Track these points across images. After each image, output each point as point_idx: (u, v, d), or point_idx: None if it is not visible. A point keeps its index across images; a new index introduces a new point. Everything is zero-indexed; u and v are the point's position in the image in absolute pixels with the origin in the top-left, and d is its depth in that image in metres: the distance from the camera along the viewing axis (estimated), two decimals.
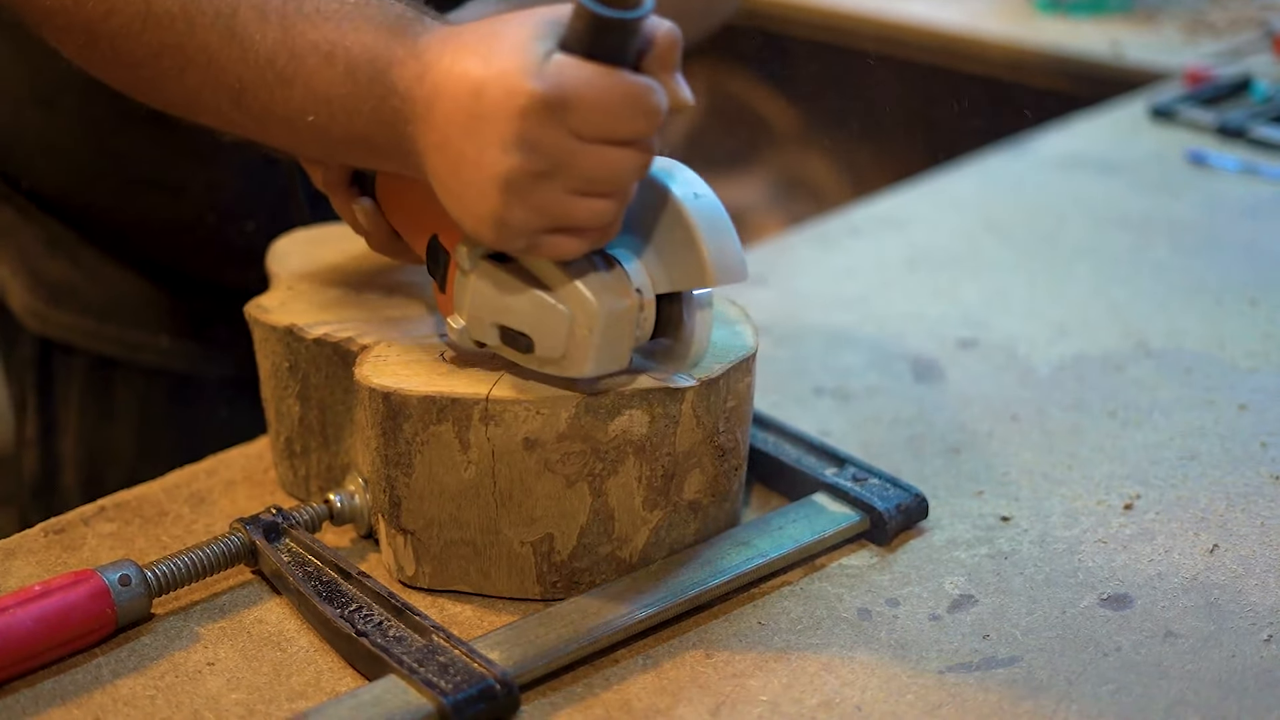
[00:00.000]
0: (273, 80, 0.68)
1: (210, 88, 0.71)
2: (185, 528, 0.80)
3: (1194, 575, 0.76)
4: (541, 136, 0.62)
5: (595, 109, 0.62)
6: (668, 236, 0.68)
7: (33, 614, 0.68)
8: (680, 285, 0.69)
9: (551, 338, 0.68)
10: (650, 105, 0.63)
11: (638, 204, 0.69)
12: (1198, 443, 0.88)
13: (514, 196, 0.63)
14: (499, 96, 0.62)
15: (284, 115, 0.69)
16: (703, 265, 0.67)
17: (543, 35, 0.63)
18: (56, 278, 1.01)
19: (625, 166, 0.64)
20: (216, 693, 0.68)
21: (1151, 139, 1.37)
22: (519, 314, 0.69)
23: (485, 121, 0.62)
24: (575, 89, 0.62)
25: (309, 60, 0.68)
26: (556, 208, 0.64)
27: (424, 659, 0.66)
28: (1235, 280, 1.09)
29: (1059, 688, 0.68)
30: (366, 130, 0.68)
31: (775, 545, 0.76)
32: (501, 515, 0.72)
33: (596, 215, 0.65)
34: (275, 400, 0.81)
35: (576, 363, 0.68)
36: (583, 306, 0.67)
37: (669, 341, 0.71)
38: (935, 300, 1.08)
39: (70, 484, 1.05)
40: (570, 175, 0.63)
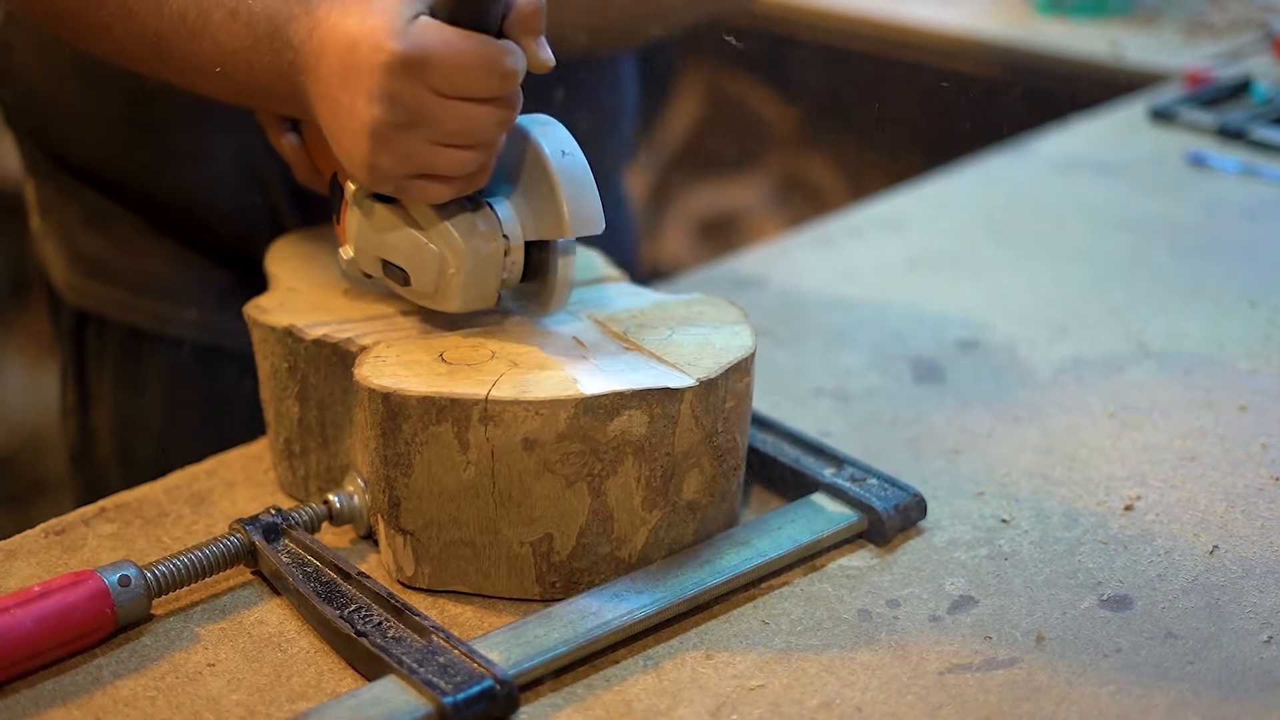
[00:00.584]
0: (185, 34, 0.76)
1: (133, 40, 0.79)
2: (185, 528, 0.81)
3: (1194, 576, 0.76)
4: (402, 91, 0.69)
5: (452, 68, 0.68)
6: (535, 189, 0.74)
7: (33, 614, 0.68)
8: (545, 234, 0.74)
9: (424, 274, 0.75)
10: (504, 67, 0.69)
11: (515, 157, 0.75)
12: (1198, 444, 0.88)
13: (380, 144, 0.70)
14: (367, 52, 0.69)
15: (197, 66, 0.77)
16: (561, 216, 0.73)
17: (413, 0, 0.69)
18: (93, 252, 1.05)
19: (483, 121, 0.70)
20: (217, 694, 0.68)
21: (1151, 140, 1.37)
22: (398, 249, 0.76)
23: (356, 74, 0.70)
24: (434, 49, 0.68)
25: (215, 15, 0.75)
26: (420, 156, 0.71)
27: (424, 659, 0.67)
28: (1235, 282, 1.09)
29: (1058, 689, 0.68)
30: (266, 80, 0.75)
31: (774, 545, 0.76)
32: (501, 515, 0.72)
33: (459, 164, 0.71)
34: (274, 401, 0.81)
35: (446, 298, 0.75)
36: (451, 247, 0.74)
37: (536, 285, 0.77)
38: (935, 301, 1.08)
39: (106, 454, 1.07)
40: (431, 127, 0.70)
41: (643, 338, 0.77)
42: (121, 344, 1.05)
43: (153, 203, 1.02)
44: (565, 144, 0.74)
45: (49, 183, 1.06)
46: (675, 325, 0.78)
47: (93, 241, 1.04)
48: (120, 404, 1.06)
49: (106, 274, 1.04)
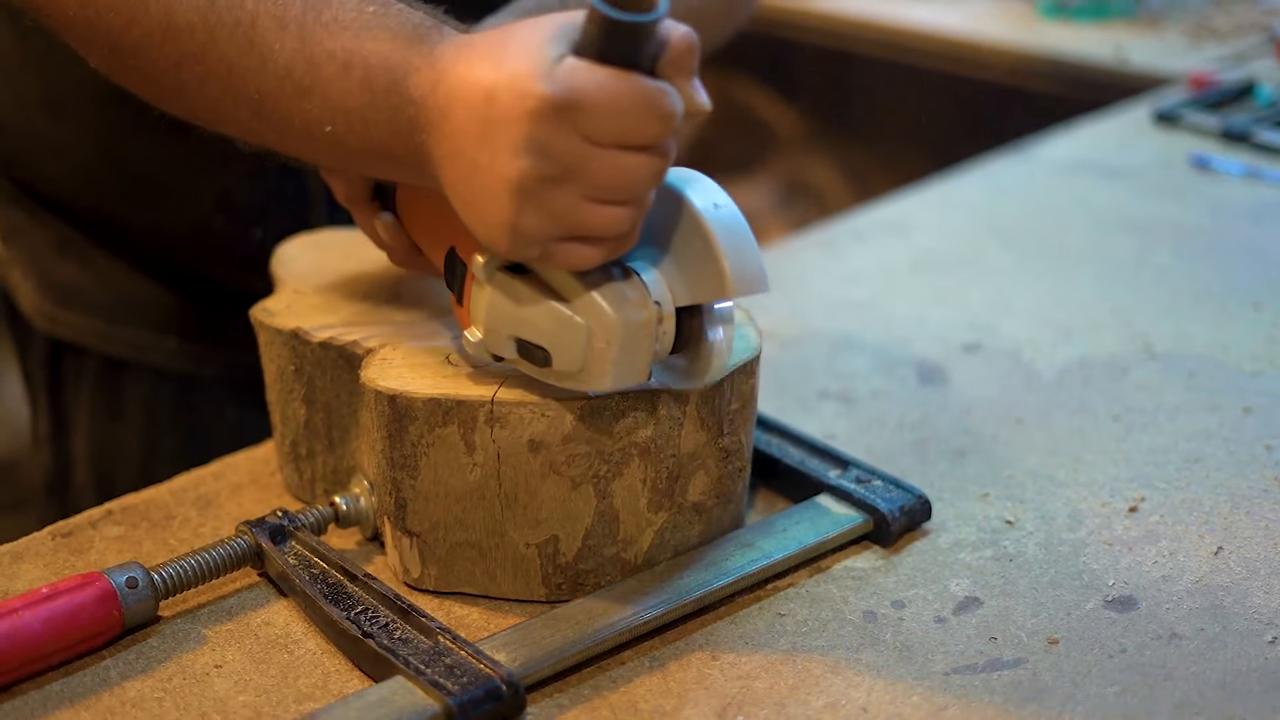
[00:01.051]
0: (291, 90, 0.68)
1: (231, 98, 0.70)
2: (192, 531, 0.81)
3: (1199, 578, 0.76)
4: (553, 140, 0.61)
5: (607, 112, 0.61)
6: (687, 247, 0.67)
7: (40, 616, 0.68)
8: (700, 297, 0.67)
9: (569, 351, 0.67)
10: (664, 109, 0.62)
11: (656, 214, 0.67)
12: (1202, 446, 0.88)
13: (526, 202, 0.63)
14: (509, 101, 0.61)
15: (303, 125, 0.69)
16: (722, 277, 0.65)
17: (555, 39, 0.62)
18: (66, 279, 1.02)
19: (640, 172, 0.63)
20: (224, 695, 0.68)
21: (1155, 143, 1.37)
22: (536, 327, 0.68)
23: (496, 126, 0.62)
24: (586, 92, 0.61)
25: (326, 70, 0.67)
26: (570, 214, 0.63)
27: (430, 660, 0.67)
28: (1239, 284, 1.10)
29: (1064, 689, 0.68)
30: (383, 140, 0.67)
31: (779, 547, 0.76)
32: (507, 517, 0.72)
33: (612, 223, 0.64)
34: (280, 403, 0.81)
35: (595, 377, 0.67)
36: (600, 319, 0.66)
37: (688, 355, 0.70)
38: (940, 304, 1.08)
39: (82, 482, 1.05)
40: (583, 181, 0.63)
41: None
42: (99, 372, 1.03)
43: (130, 235, 1.00)
44: (716, 196, 0.67)
45: (17, 209, 1.03)
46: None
47: (65, 269, 1.01)
48: (98, 432, 1.04)
49: (81, 303, 1.02)
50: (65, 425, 1.05)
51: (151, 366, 1.02)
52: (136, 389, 1.02)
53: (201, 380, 1.01)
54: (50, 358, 1.05)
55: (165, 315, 1.01)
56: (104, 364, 1.03)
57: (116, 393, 1.03)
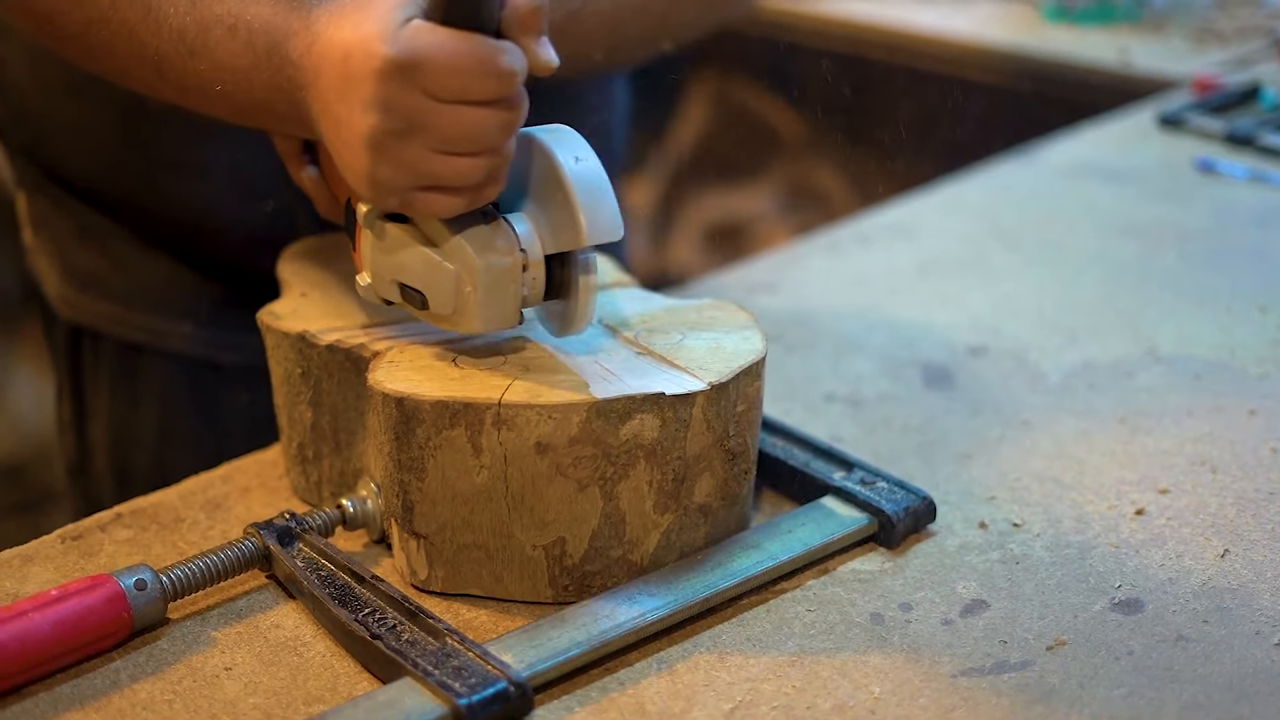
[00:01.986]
0: (184, 52, 0.75)
1: (135, 59, 0.77)
2: (201, 534, 0.81)
3: (1205, 580, 0.76)
4: (397, 97, 0.66)
5: (446, 71, 0.66)
6: (551, 198, 0.71)
7: (49, 618, 0.68)
8: (562, 245, 0.71)
9: (441, 294, 0.71)
10: (501, 66, 0.66)
11: (528, 167, 0.72)
12: (1208, 449, 0.88)
13: (379, 154, 0.68)
14: (360, 60, 0.67)
15: (197, 84, 0.76)
16: (578, 225, 0.70)
17: (405, 3, 0.67)
18: (87, 266, 1.04)
19: (484, 125, 0.67)
20: (234, 697, 0.68)
21: (1160, 147, 1.37)
22: (413, 271, 0.73)
23: (351, 84, 0.67)
24: (427, 52, 0.66)
25: (214, 32, 0.74)
26: (422, 165, 0.68)
27: (438, 662, 0.67)
28: (1244, 287, 1.10)
29: (1071, 691, 0.68)
30: (267, 98, 0.73)
31: (785, 548, 0.76)
32: (513, 519, 0.72)
33: (463, 173, 0.69)
34: (288, 407, 0.81)
35: (466, 319, 0.72)
36: (466, 263, 0.70)
37: (561, 303, 0.73)
38: (945, 307, 1.08)
39: (102, 468, 1.07)
40: (430, 134, 0.67)
41: (654, 342, 0.77)
42: (116, 358, 1.05)
43: (147, 217, 1.02)
44: (579, 150, 0.71)
45: (41, 197, 1.06)
46: (686, 330, 0.78)
47: (86, 256, 1.04)
48: (116, 418, 1.05)
49: (101, 289, 1.04)
50: (85, 412, 1.07)
51: (168, 352, 1.03)
52: (153, 375, 1.04)
53: (218, 365, 1.03)
54: (71, 344, 1.07)
55: (181, 300, 1.03)
56: (122, 350, 1.05)
57: (134, 378, 1.05)
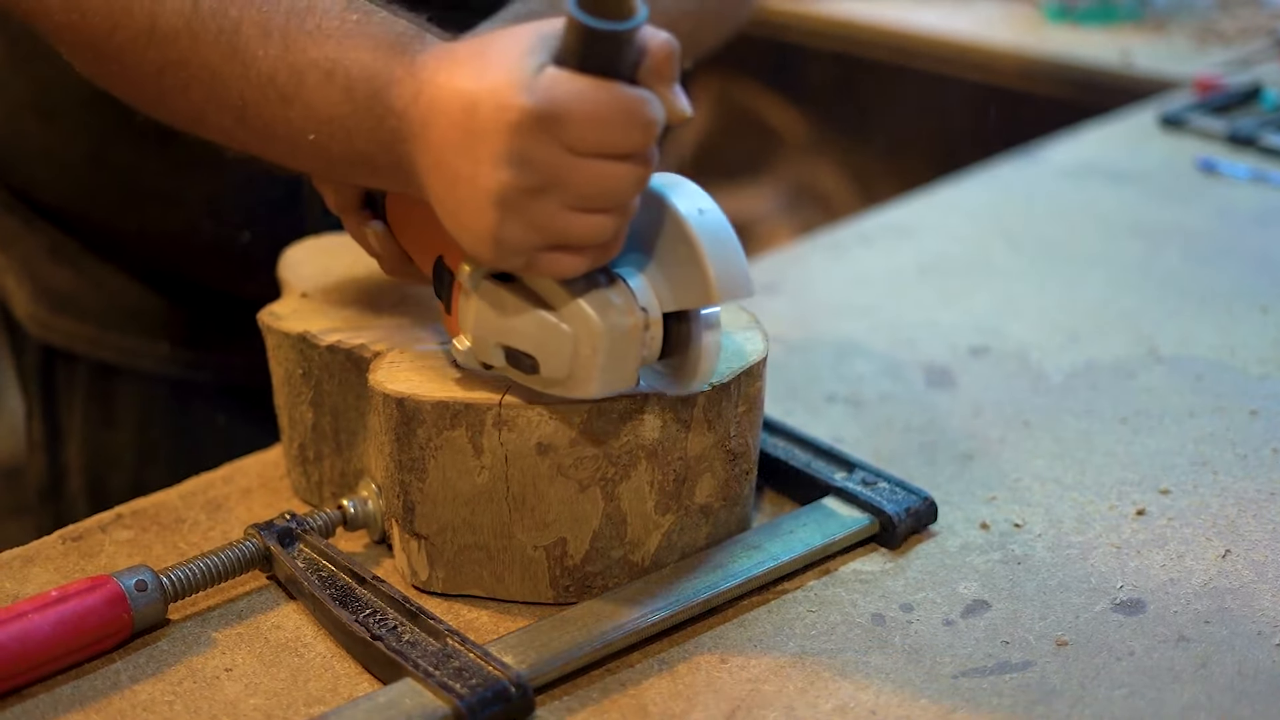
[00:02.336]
0: (274, 98, 0.68)
1: (214, 104, 0.70)
2: (202, 534, 0.81)
3: (1206, 581, 0.76)
4: (534, 151, 0.61)
5: (588, 122, 0.61)
6: (672, 253, 0.67)
7: (50, 619, 0.68)
8: (685, 303, 0.67)
9: (556, 358, 0.67)
10: (645, 117, 0.62)
11: (642, 220, 0.68)
12: (1209, 449, 0.88)
13: (509, 213, 0.63)
14: (490, 112, 0.61)
15: (286, 133, 0.69)
16: (707, 282, 0.66)
17: (535, 49, 0.62)
18: (59, 286, 1.02)
19: (622, 181, 0.63)
20: (235, 698, 0.68)
21: (1162, 147, 1.37)
22: (523, 334, 0.68)
23: (478, 137, 0.62)
24: (567, 102, 0.61)
25: (309, 78, 0.67)
26: (553, 224, 0.63)
27: (439, 662, 0.67)
28: (1246, 288, 1.09)
29: (1072, 692, 0.68)
30: (365, 149, 0.67)
31: (786, 549, 0.76)
32: (514, 520, 0.72)
33: (595, 231, 0.64)
34: (288, 407, 0.81)
35: (582, 383, 0.67)
36: (586, 326, 0.66)
37: (677, 360, 0.70)
38: (947, 308, 1.08)
39: (76, 489, 1.06)
40: (565, 190, 0.63)
41: None
42: (91, 378, 1.03)
43: (120, 241, 1.00)
44: (700, 201, 0.67)
45: (11, 216, 1.04)
46: None
47: (58, 275, 1.02)
48: (91, 439, 1.04)
49: (74, 309, 1.02)
50: (59, 432, 1.05)
51: (143, 372, 1.02)
52: (129, 395, 1.02)
53: (193, 385, 1.01)
54: (43, 364, 1.05)
55: (156, 320, 1.01)
56: (96, 370, 1.03)
57: (109, 399, 1.03)
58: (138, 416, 1.03)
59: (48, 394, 1.06)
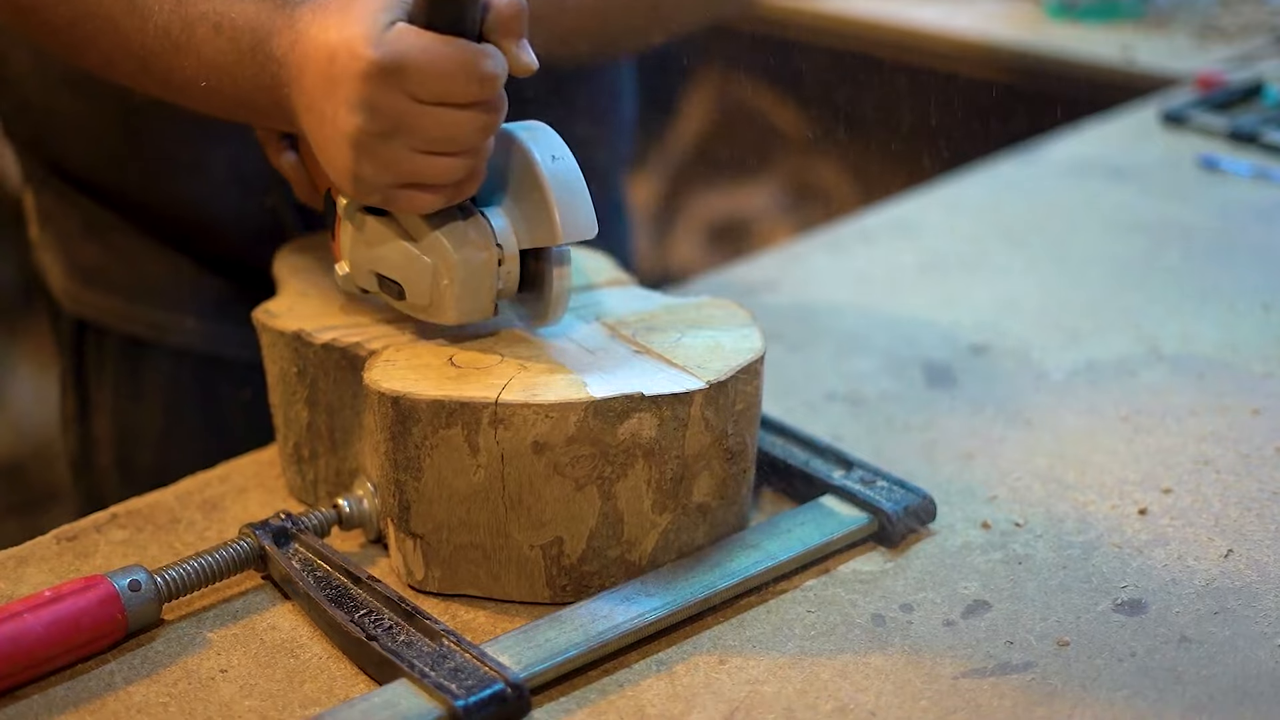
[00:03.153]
0: (169, 48, 0.76)
1: (120, 54, 0.78)
2: (198, 534, 0.81)
3: (1208, 580, 0.76)
4: (381, 99, 0.68)
5: (429, 74, 0.68)
6: (527, 196, 0.73)
7: (43, 619, 0.68)
8: (538, 242, 0.73)
9: (418, 286, 0.74)
10: (483, 70, 0.68)
11: (507, 164, 0.74)
12: (1211, 448, 0.88)
13: (362, 153, 0.70)
14: (345, 61, 0.69)
15: (181, 80, 0.77)
16: (553, 223, 0.72)
17: (391, 6, 0.69)
18: (90, 260, 1.05)
19: (465, 127, 0.69)
20: (230, 699, 0.68)
21: (1163, 144, 1.37)
22: (391, 262, 0.74)
23: (336, 84, 0.69)
24: (410, 56, 0.67)
25: (199, 29, 0.75)
26: (403, 165, 0.70)
27: (434, 663, 0.66)
28: (1248, 285, 1.09)
29: (1073, 693, 0.68)
30: (251, 94, 0.75)
31: (784, 548, 0.76)
32: (511, 519, 0.72)
33: (444, 172, 0.71)
34: (283, 406, 0.81)
35: (441, 311, 0.74)
36: (443, 257, 0.73)
37: (533, 295, 0.75)
38: (947, 306, 1.08)
39: (105, 463, 1.07)
40: (412, 135, 0.69)
41: (652, 341, 0.76)
42: (120, 353, 1.05)
43: (150, 212, 1.02)
44: (555, 149, 0.73)
45: (47, 191, 1.06)
46: (684, 328, 0.78)
47: (91, 250, 1.05)
48: (120, 413, 1.06)
49: (104, 283, 1.04)
50: (88, 406, 1.07)
51: (171, 347, 1.04)
52: (156, 369, 1.04)
53: (220, 360, 1.03)
54: (75, 339, 1.07)
55: (185, 295, 1.04)
56: (125, 344, 1.05)
57: (137, 373, 1.05)
58: (164, 391, 1.05)
59: (80, 367, 1.08)
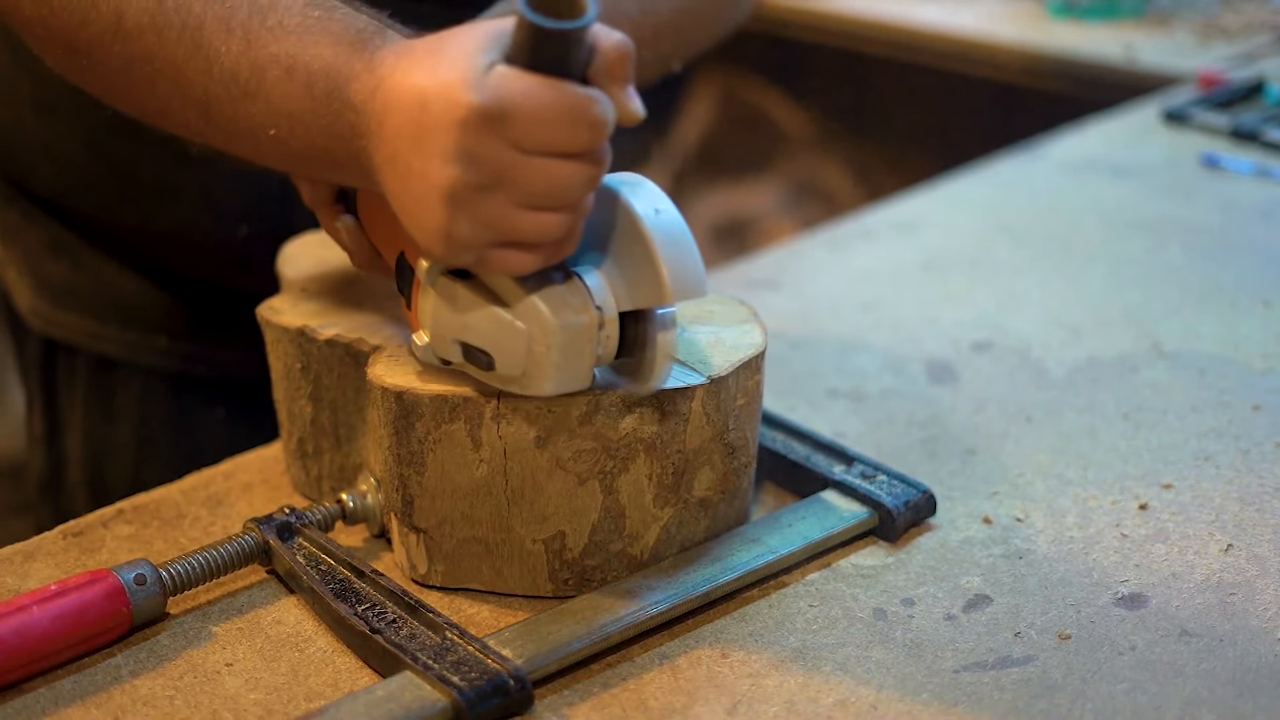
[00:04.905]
0: (236, 94, 0.69)
1: (179, 99, 0.71)
2: (203, 530, 0.81)
3: (1209, 575, 0.76)
4: (481, 148, 0.62)
5: (535, 121, 0.62)
6: (628, 253, 0.67)
7: (49, 613, 0.68)
8: (641, 303, 0.67)
9: (511, 355, 0.67)
10: (593, 117, 0.62)
11: (600, 219, 0.68)
12: (1212, 444, 0.88)
13: (458, 209, 0.63)
14: (440, 108, 0.62)
15: (248, 128, 0.70)
16: (660, 282, 0.66)
17: (487, 47, 0.63)
18: (59, 279, 1.03)
19: (571, 179, 0.63)
20: (235, 693, 0.68)
21: (1165, 142, 1.37)
22: (479, 331, 0.68)
23: (428, 133, 0.63)
24: (514, 101, 0.61)
25: (270, 74, 0.68)
26: (502, 221, 0.64)
27: (438, 656, 0.67)
28: (1249, 283, 1.09)
29: (1074, 687, 0.68)
30: (325, 144, 0.68)
31: (785, 542, 0.76)
32: (513, 513, 0.72)
33: (545, 229, 0.64)
34: (288, 401, 0.81)
35: (536, 381, 0.67)
36: (540, 323, 0.66)
37: (634, 360, 0.70)
38: (949, 303, 1.08)
39: (76, 482, 1.06)
40: (514, 188, 0.63)
41: None
42: (91, 372, 1.04)
43: (118, 233, 1.01)
44: (658, 201, 0.67)
45: (11, 209, 1.05)
46: (685, 324, 0.78)
47: (58, 269, 1.03)
48: (91, 432, 1.04)
49: (73, 302, 1.03)
50: (59, 425, 1.06)
51: (142, 366, 1.02)
52: (128, 388, 1.03)
53: (192, 379, 1.02)
54: (44, 358, 1.06)
55: (155, 314, 1.02)
56: (96, 363, 1.04)
57: (108, 392, 1.04)
58: (137, 410, 1.03)
59: (48, 387, 1.06)
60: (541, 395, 0.68)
